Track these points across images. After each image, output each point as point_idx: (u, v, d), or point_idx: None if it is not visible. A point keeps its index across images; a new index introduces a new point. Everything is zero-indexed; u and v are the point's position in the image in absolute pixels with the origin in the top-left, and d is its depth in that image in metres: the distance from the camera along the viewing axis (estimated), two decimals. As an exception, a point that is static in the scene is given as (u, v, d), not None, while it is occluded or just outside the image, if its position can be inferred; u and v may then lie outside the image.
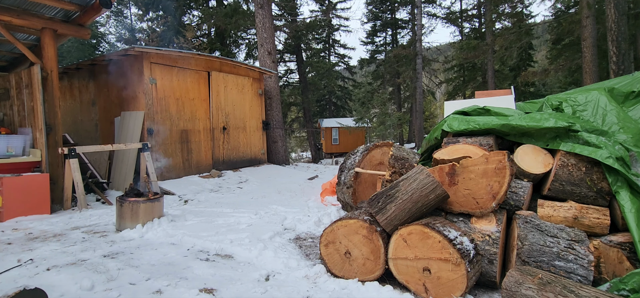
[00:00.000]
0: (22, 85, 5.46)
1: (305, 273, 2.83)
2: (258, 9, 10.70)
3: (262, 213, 4.82)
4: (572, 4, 15.35)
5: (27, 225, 4.34)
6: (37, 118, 5.18)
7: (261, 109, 9.93)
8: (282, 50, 22.56)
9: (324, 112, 28.30)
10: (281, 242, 3.63)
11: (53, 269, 2.84)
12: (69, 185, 5.20)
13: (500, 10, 16.86)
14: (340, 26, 25.76)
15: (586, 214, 2.58)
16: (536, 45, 22.22)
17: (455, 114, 3.69)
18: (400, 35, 27.28)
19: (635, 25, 12.66)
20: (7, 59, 6.93)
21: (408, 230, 2.48)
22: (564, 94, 3.72)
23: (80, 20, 5.42)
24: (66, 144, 6.37)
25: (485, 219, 2.62)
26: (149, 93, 6.93)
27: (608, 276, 2.37)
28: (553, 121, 2.95)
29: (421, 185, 2.57)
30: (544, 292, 1.87)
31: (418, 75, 20.44)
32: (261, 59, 10.85)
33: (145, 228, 3.92)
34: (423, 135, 19.32)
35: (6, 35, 4.99)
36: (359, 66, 27.74)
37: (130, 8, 19.32)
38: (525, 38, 15.71)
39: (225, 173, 8.15)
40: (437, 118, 32.29)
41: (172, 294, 2.45)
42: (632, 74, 3.78)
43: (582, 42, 11.05)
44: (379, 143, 4.84)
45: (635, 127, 3.01)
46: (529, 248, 2.40)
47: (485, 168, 2.61)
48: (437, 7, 25.68)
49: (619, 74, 8.57)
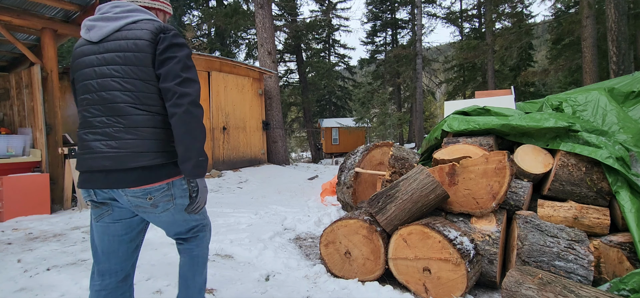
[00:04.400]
0: (22, 85, 5.46)
1: (305, 273, 2.83)
2: (258, 9, 10.70)
3: (262, 213, 4.82)
4: (572, 4, 15.36)
5: (27, 225, 4.34)
6: (37, 118, 5.18)
7: (261, 109, 9.93)
8: (282, 50, 22.56)
9: (324, 112, 28.30)
10: (281, 242, 3.63)
11: (53, 269, 2.84)
12: (69, 185, 5.20)
13: (500, 10, 16.87)
14: (340, 26, 25.77)
15: (586, 214, 2.58)
16: (536, 45, 22.22)
17: (455, 114, 3.69)
18: (400, 35, 27.30)
19: (635, 25, 12.67)
20: (7, 59, 6.93)
21: (408, 230, 2.48)
22: (564, 94, 3.72)
23: (80, 20, 5.42)
24: (66, 144, 6.37)
25: (485, 219, 2.62)
26: (149, 93, 6.93)
27: (608, 276, 2.37)
28: (553, 121, 2.95)
29: (421, 185, 2.57)
30: (544, 292, 1.87)
31: (418, 75, 20.45)
32: (261, 59, 10.85)
33: (145, 228, 3.92)
34: (423, 135, 19.32)
35: (6, 35, 4.99)
36: (359, 66, 27.75)
37: (130, 8, 19.32)
38: (525, 38, 15.71)
39: (225, 173, 8.15)
40: (437, 118, 32.29)
41: (172, 294, 2.45)
42: (632, 74, 3.78)
43: (582, 42, 11.05)
44: (379, 143, 4.84)
45: (635, 127, 3.01)
46: (529, 248, 2.40)
47: (485, 168, 2.61)
48: (437, 7, 25.72)
49: (619, 74, 8.57)
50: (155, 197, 1.46)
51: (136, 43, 1.43)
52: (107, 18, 1.48)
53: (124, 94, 1.42)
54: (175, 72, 1.43)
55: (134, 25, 1.48)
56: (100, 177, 1.42)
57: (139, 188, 1.42)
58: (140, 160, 1.41)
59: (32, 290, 2.47)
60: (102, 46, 1.46)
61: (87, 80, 1.47)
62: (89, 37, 1.48)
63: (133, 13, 1.51)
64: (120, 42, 1.44)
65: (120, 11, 1.50)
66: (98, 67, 1.45)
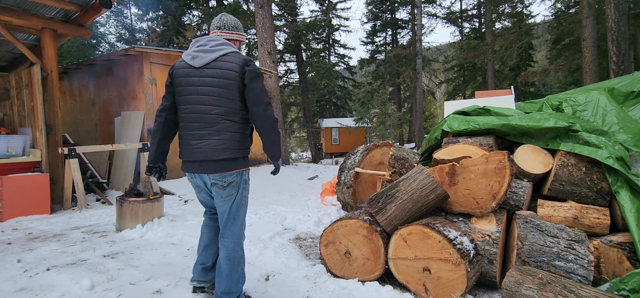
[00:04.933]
0: (22, 85, 5.46)
1: (305, 273, 2.83)
2: (258, 9, 10.70)
3: (262, 213, 4.82)
4: (572, 4, 15.36)
5: (27, 225, 4.34)
6: (37, 118, 5.18)
7: (261, 109, 9.92)
8: (282, 50, 22.56)
9: (324, 112, 28.29)
10: (281, 242, 3.63)
11: (53, 269, 2.84)
12: (69, 185, 5.20)
13: (500, 10, 16.86)
14: (340, 26, 25.76)
15: (586, 214, 2.58)
16: (536, 45, 22.20)
17: (455, 114, 3.69)
18: (400, 35, 27.27)
19: (635, 25, 12.66)
20: (7, 58, 6.93)
21: (408, 230, 2.48)
22: (564, 94, 3.72)
23: (80, 20, 5.42)
24: (66, 144, 6.37)
25: (485, 219, 2.62)
26: (149, 93, 6.93)
27: (608, 276, 2.37)
28: (553, 121, 2.95)
29: (421, 185, 2.57)
30: (544, 292, 1.87)
31: (418, 75, 20.44)
32: (261, 59, 10.85)
33: (145, 228, 3.92)
34: (423, 135, 19.32)
35: (6, 35, 4.99)
36: (359, 66, 27.73)
37: (130, 8, 19.31)
38: (525, 38, 15.70)
39: (225, 173, 8.14)
40: (437, 118, 32.29)
41: (172, 294, 2.45)
42: (632, 74, 3.78)
43: (582, 42, 11.05)
44: (379, 143, 4.84)
45: (635, 127, 3.01)
46: (529, 248, 2.40)
47: (485, 168, 2.61)
48: (437, 7, 25.68)
49: (619, 74, 8.57)
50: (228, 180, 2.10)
51: (227, 73, 2.01)
52: (206, 50, 2.05)
53: (215, 108, 2.03)
54: (260, 99, 2.05)
55: (225, 57, 2.04)
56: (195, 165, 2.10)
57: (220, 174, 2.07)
58: (224, 153, 2.04)
59: (32, 290, 2.47)
60: (202, 72, 2.04)
61: (188, 95, 2.08)
62: (193, 64, 2.06)
63: (222, 46, 2.07)
64: (216, 70, 2.02)
65: (214, 45, 2.07)
66: (198, 87, 2.05)
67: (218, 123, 2.04)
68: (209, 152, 2.04)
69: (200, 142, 2.06)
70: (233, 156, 2.07)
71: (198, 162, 2.09)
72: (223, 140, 2.04)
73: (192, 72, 2.06)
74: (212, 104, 2.03)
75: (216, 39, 2.11)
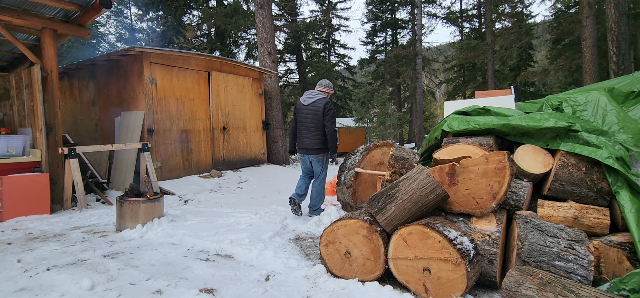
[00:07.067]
0: (22, 85, 5.46)
1: (305, 273, 2.83)
2: (258, 9, 10.70)
3: (262, 213, 4.82)
4: (572, 4, 15.36)
5: (27, 225, 4.35)
6: (37, 118, 5.18)
7: (261, 109, 9.93)
8: (282, 50, 22.57)
9: (323, 112, 28.20)
10: (281, 242, 3.63)
11: (53, 269, 2.84)
12: (69, 185, 5.20)
13: (500, 10, 16.86)
14: (340, 26, 25.77)
15: (586, 214, 2.58)
16: (536, 45, 22.20)
17: (455, 114, 3.69)
18: (400, 35, 27.26)
19: (635, 25, 12.67)
20: (7, 59, 6.93)
21: (408, 230, 2.48)
22: (564, 94, 3.72)
23: (80, 20, 5.42)
24: (66, 144, 6.37)
25: (485, 219, 2.62)
26: (149, 93, 6.93)
27: (608, 276, 2.37)
28: (553, 121, 2.95)
29: (421, 185, 2.57)
30: (544, 292, 1.87)
31: (418, 75, 20.45)
32: (261, 59, 10.85)
33: (145, 228, 3.92)
34: (423, 135, 19.32)
35: (6, 35, 4.99)
36: (359, 66, 27.71)
37: (130, 8, 19.32)
38: (525, 38, 15.72)
39: (225, 173, 8.15)
40: (437, 118, 32.30)
41: (172, 294, 2.45)
42: (632, 74, 3.78)
43: (582, 42, 11.05)
44: (379, 143, 4.84)
45: (635, 127, 3.01)
46: (529, 248, 2.40)
47: (485, 168, 2.61)
48: (437, 7, 25.66)
49: (619, 74, 8.58)
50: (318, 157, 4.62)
51: (318, 109, 4.49)
52: (310, 97, 4.59)
53: (312, 125, 4.52)
54: (330, 123, 4.49)
55: (318, 101, 4.53)
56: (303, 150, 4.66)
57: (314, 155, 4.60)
58: (316, 146, 4.55)
59: (32, 290, 2.47)
60: (308, 108, 4.55)
61: (303, 120, 4.60)
62: (305, 103, 4.57)
63: (317, 95, 4.58)
64: (312, 108, 4.52)
65: (314, 94, 4.61)
66: (306, 115, 4.56)
67: (313, 131, 4.51)
68: (311, 145, 4.54)
69: (305, 140, 4.57)
70: (320, 147, 4.54)
71: (305, 148, 4.60)
72: (316, 139, 4.52)
73: (304, 107, 4.57)
74: (311, 122, 4.52)
75: (316, 93, 4.61)
